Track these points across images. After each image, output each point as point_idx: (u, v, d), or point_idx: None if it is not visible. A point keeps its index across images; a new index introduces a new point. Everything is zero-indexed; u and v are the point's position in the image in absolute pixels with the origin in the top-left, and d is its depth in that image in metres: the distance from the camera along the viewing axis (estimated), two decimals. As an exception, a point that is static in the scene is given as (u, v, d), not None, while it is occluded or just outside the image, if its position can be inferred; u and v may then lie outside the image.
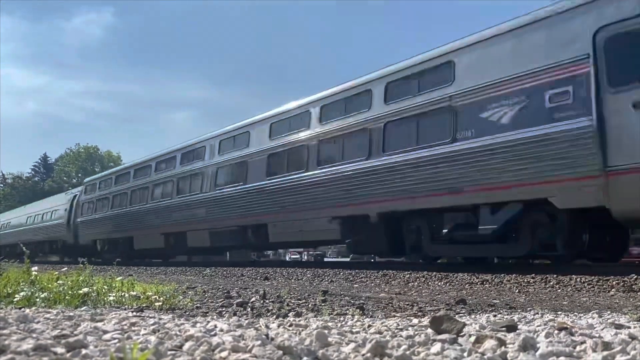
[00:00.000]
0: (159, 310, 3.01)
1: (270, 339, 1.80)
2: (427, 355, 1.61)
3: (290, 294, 4.39)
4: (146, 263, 17.36)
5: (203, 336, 1.78)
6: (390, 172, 9.05)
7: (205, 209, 14.21)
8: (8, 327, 1.82)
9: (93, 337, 1.72)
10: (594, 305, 4.20)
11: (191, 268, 12.69)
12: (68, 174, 61.25)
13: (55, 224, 25.21)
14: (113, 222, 19.34)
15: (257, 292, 4.46)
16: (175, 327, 2.11)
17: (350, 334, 2.02)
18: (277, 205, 11.55)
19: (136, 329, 2.03)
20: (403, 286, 7.03)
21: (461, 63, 8.32)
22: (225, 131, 14.54)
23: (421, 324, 2.46)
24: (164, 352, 1.49)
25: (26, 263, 4.11)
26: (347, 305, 3.57)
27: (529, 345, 1.71)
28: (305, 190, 10.82)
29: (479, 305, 3.85)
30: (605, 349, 1.67)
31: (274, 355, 1.52)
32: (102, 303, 3.28)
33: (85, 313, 2.58)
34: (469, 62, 8.21)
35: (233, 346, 1.60)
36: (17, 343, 1.49)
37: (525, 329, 2.28)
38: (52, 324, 2.05)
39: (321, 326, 2.28)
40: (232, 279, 9.22)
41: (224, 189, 13.61)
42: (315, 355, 1.56)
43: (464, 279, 7.20)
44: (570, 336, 1.98)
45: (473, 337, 1.84)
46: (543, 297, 5.22)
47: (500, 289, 6.34)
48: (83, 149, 62.63)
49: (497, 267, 8.64)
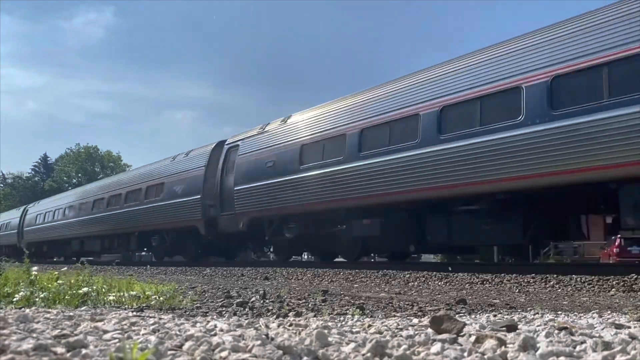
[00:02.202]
0: (159, 310, 3.01)
1: (270, 338, 1.80)
2: (427, 355, 1.61)
3: (290, 294, 4.39)
4: (145, 263, 17.39)
5: (203, 336, 1.78)
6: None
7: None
8: (8, 327, 1.81)
9: (93, 337, 1.72)
10: (594, 305, 4.21)
11: (191, 268, 12.69)
12: (68, 174, 61.24)
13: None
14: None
15: (257, 291, 4.46)
16: (175, 327, 2.11)
17: (350, 334, 2.02)
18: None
19: (136, 329, 2.03)
20: (403, 286, 7.03)
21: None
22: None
23: (421, 324, 2.46)
24: (164, 352, 1.49)
25: (26, 263, 4.11)
26: (347, 305, 3.57)
27: (529, 345, 1.70)
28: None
29: (479, 305, 3.85)
30: (606, 349, 1.67)
31: (274, 355, 1.52)
32: (102, 303, 3.28)
33: (85, 313, 2.58)
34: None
35: (233, 346, 1.60)
36: (17, 343, 1.49)
37: (525, 329, 2.28)
38: (52, 323, 2.05)
39: (321, 326, 2.28)
40: (232, 278, 9.22)
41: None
42: (315, 355, 1.56)
43: (464, 278, 7.20)
44: (571, 336, 1.98)
45: (473, 337, 1.84)
46: (543, 297, 5.22)
47: (500, 289, 6.34)
48: (83, 149, 62.63)
49: (497, 267, 8.64)
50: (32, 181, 65.29)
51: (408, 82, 9.97)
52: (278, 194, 12.05)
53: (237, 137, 14.73)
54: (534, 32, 8.30)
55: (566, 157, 7.16)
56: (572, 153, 7.11)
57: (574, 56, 7.43)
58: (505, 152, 7.85)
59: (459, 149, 8.46)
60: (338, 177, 10.52)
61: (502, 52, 8.50)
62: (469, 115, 8.54)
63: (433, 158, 8.84)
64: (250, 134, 14.16)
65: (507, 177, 7.81)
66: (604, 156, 6.82)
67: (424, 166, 8.95)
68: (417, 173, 9.04)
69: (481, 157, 8.15)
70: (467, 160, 8.31)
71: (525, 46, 8.17)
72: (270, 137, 13.04)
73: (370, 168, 9.89)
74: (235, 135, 15.07)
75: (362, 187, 9.99)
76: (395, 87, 10.24)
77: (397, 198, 9.47)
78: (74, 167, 61.30)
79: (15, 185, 64.27)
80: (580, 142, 7.04)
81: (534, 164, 7.47)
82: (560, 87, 7.56)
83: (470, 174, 8.25)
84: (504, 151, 7.87)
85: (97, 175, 55.83)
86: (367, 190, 9.89)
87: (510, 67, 8.18)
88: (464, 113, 8.65)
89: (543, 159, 7.38)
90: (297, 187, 11.54)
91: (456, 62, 9.29)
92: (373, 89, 10.88)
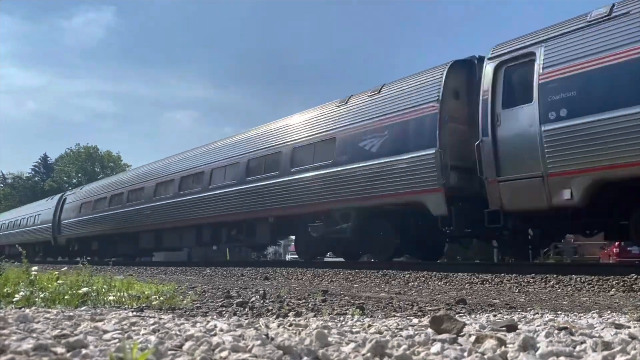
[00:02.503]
0: (159, 310, 3.01)
1: (270, 338, 1.80)
2: (427, 355, 1.61)
3: (290, 294, 4.39)
4: (145, 263, 17.40)
5: (203, 336, 1.78)
6: None
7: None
8: (8, 327, 1.81)
9: (93, 337, 1.72)
10: (594, 305, 4.21)
11: (191, 268, 12.69)
12: (68, 174, 61.21)
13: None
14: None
15: (257, 291, 4.46)
16: (175, 327, 2.11)
17: (350, 334, 2.02)
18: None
19: (136, 329, 2.03)
20: (403, 286, 7.04)
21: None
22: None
23: (421, 324, 2.46)
24: (164, 352, 1.49)
25: (25, 263, 4.11)
26: (347, 305, 3.57)
27: (529, 345, 1.70)
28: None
29: (479, 305, 3.85)
30: (605, 349, 1.67)
31: (274, 355, 1.52)
32: (102, 303, 3.28)
33: (85, 313, 2.58)
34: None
35: (233, 346, 1.60)
36: (17, 343, 1.49)
37: (525, 329, 2.28)
38: (52, 323, 2.05)
39: (321, 326, 2.28)
40: (232, 278, 9.23)
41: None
42: (315, 355, 1.56)
43: (464, 278, 7.20)
44: (570, 336, 1.98)
45: (473, 337, 1.83)
46: (543, 297, 5.22)
47: (500, 289, 6.34)
48: (83, 149, 62.60)
49: (497, 267, 8.63)
50: (32, 181, 65.24)
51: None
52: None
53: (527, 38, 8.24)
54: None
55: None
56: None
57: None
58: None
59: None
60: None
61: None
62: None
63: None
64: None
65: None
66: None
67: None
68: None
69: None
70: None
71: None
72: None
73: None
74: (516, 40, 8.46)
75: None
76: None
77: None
78: (74, 167, 61.24)
79: (15, 185, 64.23)
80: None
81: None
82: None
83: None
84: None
85: (97, 175, 55.77)
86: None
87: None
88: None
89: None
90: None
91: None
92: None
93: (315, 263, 11.61)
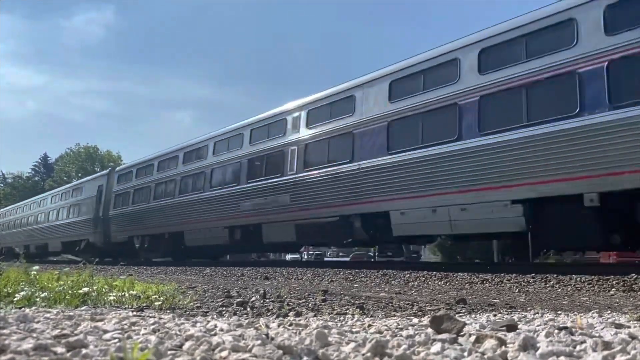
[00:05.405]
0: (159, 310, 3.01)
1: (270, 338, 1.80)
2: (427, 355, 1.61)
3: (291, 294, 4.39)
4: (146, 263, 17.34)
5: (203, 336, 1.78)
6: None
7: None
8: (8, 326, 1.81)
9: (93, 337, 1.72)
10: (594, 305, 4.21)
11: (191, 268, 12.69)
12: (68, 174, 61.18)
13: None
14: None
15: (257, 291, 4.46)
16: (176, 327, 2.11)
17: (350, 334, 2.02)
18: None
19: (136, 329, 2.02)
20: (403, 286, 7.03)
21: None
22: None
23: (421, 324, 2.46)
24: (164, 352, 1.49)
25: (24, 263, 4.11)
26: (347, 304, 3.57)
27: (529, 345, 1.70)
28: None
29: (479, 305, 3.85)
30: (605, 349, 1.67)
31: (274, 355, 1.52)
32: (102, 303, 3.28)
33: (85, 313, 2.58)
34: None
35: (233, 346, 1.60)
36: (17, 343, 1.49)
37: (525, 329, 2.28)
38: (52, 323, 2.05)
39: (321, 326, 2.28)
40: (232, 278, 9.23)
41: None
42: (316, 355, 1.56)
43: (464, 278, 7.20)
44: (570, 336, 1.98)
45: (473, 337, 1.83)
46: (543, 297, 5.22)
47: (500, 289, 6.34)
48: (83, 148, 62.58)
49: (497, 266, 8.63)
50: (32, 181, 65.27)
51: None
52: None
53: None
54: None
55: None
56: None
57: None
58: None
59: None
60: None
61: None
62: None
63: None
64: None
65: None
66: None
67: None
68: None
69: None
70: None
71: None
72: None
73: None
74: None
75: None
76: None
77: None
78: (74, 167, 61.20)
79: (16, 185, 64.25)
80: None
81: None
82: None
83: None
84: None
85: (97, 175, 55.70)
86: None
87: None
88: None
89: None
90: None
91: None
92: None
93: (315, 263, 11.60)
